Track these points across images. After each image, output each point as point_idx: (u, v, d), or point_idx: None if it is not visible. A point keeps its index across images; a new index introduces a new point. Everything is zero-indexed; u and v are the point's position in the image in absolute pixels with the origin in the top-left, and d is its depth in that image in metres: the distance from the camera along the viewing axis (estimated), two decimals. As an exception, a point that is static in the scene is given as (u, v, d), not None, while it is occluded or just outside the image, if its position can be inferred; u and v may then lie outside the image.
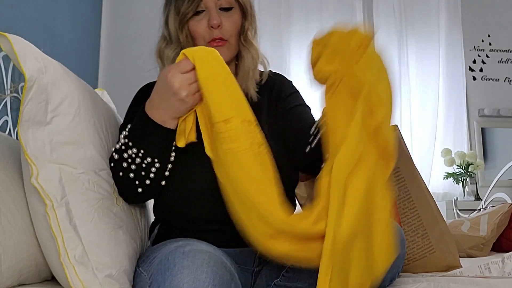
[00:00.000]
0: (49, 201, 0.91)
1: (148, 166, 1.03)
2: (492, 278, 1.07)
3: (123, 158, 1.03)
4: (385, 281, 1.02)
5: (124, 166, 1.03)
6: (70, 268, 0.89)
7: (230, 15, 1.17)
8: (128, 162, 1.03)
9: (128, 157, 1.03)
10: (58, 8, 2.37)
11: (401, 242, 1.02)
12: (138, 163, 1.03)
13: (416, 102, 3.59)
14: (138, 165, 1.03)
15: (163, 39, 1.22)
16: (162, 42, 1.21)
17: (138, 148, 1.02)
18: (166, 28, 1.20)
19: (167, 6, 1.20)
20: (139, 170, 1.03)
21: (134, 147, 1.02)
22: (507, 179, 3.29)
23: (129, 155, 1.02)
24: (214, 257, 0.91)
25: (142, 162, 1.02)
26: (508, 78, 3.85)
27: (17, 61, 0.90)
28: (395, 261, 1.00)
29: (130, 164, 1.03)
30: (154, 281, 0.89)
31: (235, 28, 1.19)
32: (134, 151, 1.02)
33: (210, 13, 1.15)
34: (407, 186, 1.27)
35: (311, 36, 1.18)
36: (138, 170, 1.03)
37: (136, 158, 1.02)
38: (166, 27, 1.20)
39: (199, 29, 1.16)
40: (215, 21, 1.14)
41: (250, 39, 1.22)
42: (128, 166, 1.03)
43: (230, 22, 1.17)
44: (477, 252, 1.79)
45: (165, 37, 1.21)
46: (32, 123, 0.92)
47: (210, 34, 1.16)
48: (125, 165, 1.03)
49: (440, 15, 3.69)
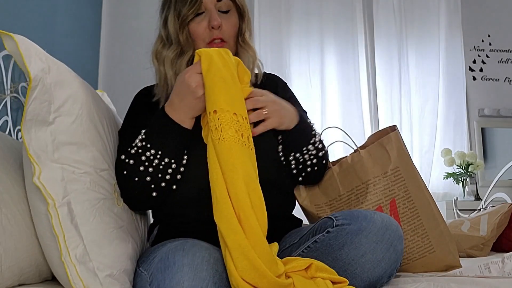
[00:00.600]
0: (51, 200, 0.91)
1: (165, 167, 1.06)
2: (492, 278, 1.07)
3: (141, 161, 1.06)
4: (383, 277, 1.02)
5: (141, 169, 1.05)
6: (71, 268, 0.89)
7: (228, 17, 1.20)
8: (146, 165, 1.05)
9: (146, 160, 1.05)
10: (58, 8, 2.37)
11: (398, 238, 1.03)
12: (155, 165, 1.05)
13: (416, 102, 3.59)
14: (156, 167, 1.06)
15: (160, 40, 1.23)
16: (159, 43, 1.23)
17: (157, 149, 1.05)
18: (164, 29, 1.22)
19: (166, 8, 1.22)
20: (156, 173, 1.06)
21: (152, 148, 1.06)
22: (507, 179, 3.29)
23: (147, 157, 1.05)
24: (214, 255, 0.92)
25: (160, 164, 1.06)
26: (508, 78, 3.85)
27: (23, 61, 0.91)
28: (393, 256, 1.01)
29: (148, 167, 1.05)
30: (154, 279, 0.89)
31: (234, 30, 1.22)
32: (152, 152, 1.05)
33: (210, 14, 1.17)
34: (407, 186, 1.27)
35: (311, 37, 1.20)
36: (155, 172, 1.06)
37: (154, 160, 1.05)
38: (164, 29, 1.22)
39: (199, 30, 1.18)
40: (215, 22, 1.16)
41: (247, 40, 1.26)
42: (146, 169, 1.05)
43: (229, 23, 1.20)
44: (477, 252, 1.79)
45: (162, 38, 1.22)
46: (35, 122, 0.93)
47: (210, 35, 1.18)
48: (142, 168, 1.05)
49: (440, 15, 3.69)
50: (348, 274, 1.00)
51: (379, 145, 1.32)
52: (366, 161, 1.31)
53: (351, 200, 1.31)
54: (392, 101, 3.55)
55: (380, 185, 1.28)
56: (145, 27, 3.13)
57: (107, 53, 3.18)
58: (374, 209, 1.27)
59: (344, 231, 1.03)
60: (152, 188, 1.07)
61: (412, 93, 3.59)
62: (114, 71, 3.16)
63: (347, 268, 1.01)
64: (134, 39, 3.19)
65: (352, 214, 1.07)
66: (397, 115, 3.52)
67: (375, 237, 1.00)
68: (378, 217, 1.03)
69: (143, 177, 1.06)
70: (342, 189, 1.31)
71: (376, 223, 1.02)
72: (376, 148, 1.32)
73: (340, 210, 1.31)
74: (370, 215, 1.04)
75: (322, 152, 1.24)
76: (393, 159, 1.29)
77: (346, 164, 1.32)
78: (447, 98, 3.62)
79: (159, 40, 1.24)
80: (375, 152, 1.31)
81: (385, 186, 1.28)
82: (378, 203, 1.28)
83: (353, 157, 1.33)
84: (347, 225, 1.04)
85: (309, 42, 3.46)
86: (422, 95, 3.61)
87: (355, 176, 1.30)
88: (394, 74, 3.57)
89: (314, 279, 0.95)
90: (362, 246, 1.00)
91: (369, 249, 1.00)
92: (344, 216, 1.08)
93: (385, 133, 1.34)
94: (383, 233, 1.01)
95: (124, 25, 3.23)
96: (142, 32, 3.12)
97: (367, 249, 1.00)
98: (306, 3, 3.54)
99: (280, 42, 3.41)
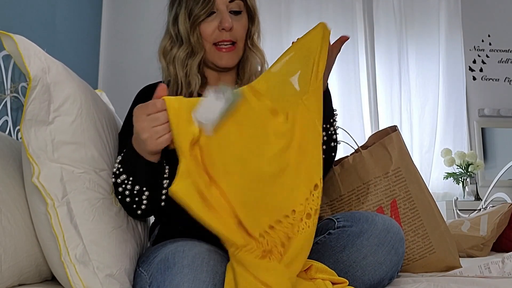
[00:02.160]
0: (50, 200, 0.91)
1: (139, 193, 1.01)
2: (492, 278, 1.07)
3: (118, 183, 1.01)
4: (385, 280, 1.02)
5: (119, 190, 1.01)
6: (71, 267, 0.89)
7: (239, 18, 1.18)
8: (122, 187, 1.01)
9: (121, 183, 1.00)
10: (58, 8, 2.37)
11: (400, 241, 1.02)
12: (130, 189, 1.00)
13: (416, 102, 3.59)
14: (130, 192, 1.00)
15: (168, 38, 1.20)
16: (167, 41, 1.20)
17: (127, 175, 1.00)
18: (174, 27, 1.18)
19: (176, 6, 1.18)
20: (133, 197, 1.01)
21: (124, 173, 1.00)
22: (507, 179, 3.29)
23: (122, 181, 1.00)
24: (214, 256, 0.91)
25: (133, 189, 1.00)
26: (508, 78, 3.85)
27: (22, 61, 0.91)
28: (395, 259, 1.01)
29: (124, 190, 1.00)
30: (154, 280, 0.89)
31: (244, 32, 1.20)
32: (124, 177, 1.00)
33: (222, 15, 1.15)
34: (408, 186, 1.27)
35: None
36: (131, 196, 1.01)
37: (127, 185, 1.00)
38: (174, 27, 1.18)
39: (209, 30, 1.16)
40: (227, 24, 1.14)
41: (256, 43, 1.24)
42: (123, 191, 1.01)
43: (239, 25, 1.18)
44: (477, 252, 1.79)
45: (171, 36, 1.19)
46: (35, 122, 0.93)
47: (219, 36, 1.16)
48: (120, 189, 1.01)
49: (440, 15, 3.69)
50: (349, 276, 1.00)
51: (380, 145, 1.32)
52: (367, 161, 1.31)
53: (351, 201, 1.31)
54: (392, 101, 3.55)
55: (381, 185, 1.28)
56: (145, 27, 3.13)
57: (107, 53, 3.17)
58: (375, 209, 1.27)
59: (346, 233, 1.03)
60: (135, 208, 1.03)
61: (412, 93, 3.59)
62: (114, 71, 3.16)
63: (348, 270, 1.01)
64: (134, 39, 3.19)
65: (353, 216, 1.07)
66: (397, 115, 3.51)
67: (377, 240, 1.00)
68: (379, 219, 1.03)
69: (123, 198, 1.02)
70: (343, 189, 1.31)
71: (377, 226, 1.01)
72: (378, 149, 1.32)
73: (341, 210, 1.31)
74: (371, 217, 1.04)
75: (333, 143, 1.18)
76: (394, 159, 1.29)
77: (348, 164, 1.32)
78: (447, 98, 3.62)
79: (167, 37, 1.20)
80: (377, 153, 1.31)
81: (386, 186, 1.28)
82: (379, 204, 1.28)
83: (354, 158, 1.32)
84: (349, 227, 1.04)
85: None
86: (422, 95, 3.61)
87: (356, 176, 1.30)
88: (394, 74, 3.57)
89: (313, 280, 0.95)
90: (363, 248, 1.00)
91: (371, 252, 0.99)
92: (345, 218, 1.08)
93: (386, 133, 1.34)
94: (385, 236, 1.01)
95: (124, 25, 3.23)
96: (142, 32, 3.12)
97: (369, 251, 1.00)
98: (306, 3, 3.54)
99: (280, 42, 3.41)
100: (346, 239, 1.02)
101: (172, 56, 1.18)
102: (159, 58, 1.21)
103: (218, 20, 1.15)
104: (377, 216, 1.04)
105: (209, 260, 0.89)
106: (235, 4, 1.17)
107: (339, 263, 1.01)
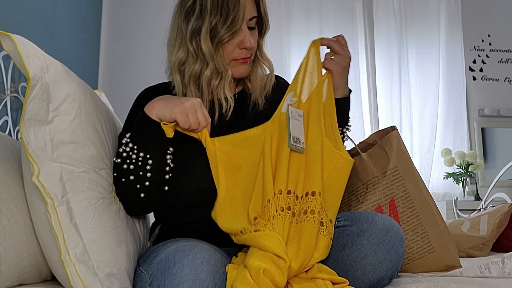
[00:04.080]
0: (50, 200, 0.91)
1: (143, 162, 1.04)
2: (492, 278, 1.07)
3: (123, 158, 1.04)
4: (385, 279, 1.02)
5: (124, 167, 1.04)
6: (71, 267, 0.89)
7: (253, 33, 1.18)
8: (127, 162, 1.04)
9: (127, 156, 1.04)
10: (58, 8, 2.37)
11: (400, 240, 1.03)
12: (134, 161, 1.04)
13: (416, 102, 3.59)
14: (135, 164, 1.04)
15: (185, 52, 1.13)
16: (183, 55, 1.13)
17: (133, 143, 1.05)
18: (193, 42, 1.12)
19: (195, 18, 1.11)
20: (137, 169, 1.03)
21: (130, 142, 1.05)
22: (507, 179, 3.29)
23: (127, 153, 1.04)
24: (214, 256, 0.91)
25: (138, 159, 1.04)
26: (508, 78, 3.85)
27: (21, 60, 0.91)
28: (395, 258, 1.01)
29: (129, 164, 1.04)
30: (155, 280, 0.89)
31: (256, 46, 1.20)
32: (130, 146, 1.05)
33: (244, 35, 1.13)
34: (406, 186, 1.28)
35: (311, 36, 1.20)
36: (136, 169, 1.03)
37: (132, 155, 1.04)
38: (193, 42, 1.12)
39: (230, 49, 1.14)
40: (249, 44, 1.13)
41: (265, 54, 1.24)
42: (128, 166, 1.04)
43: (254, 39, 1.17)
44: (477, 252, 1.79)
45: (188, 50, 1.13)
46: (34, 121, 0.93)
47: (240, 54, 1.15)
48: (125, 166, 1.04)
49: (440, 15, 3.69)
50: (349, 275, 1.00)
51: (378, 146, 1.32)
52: (366, 163, 1.31)
53: (351, 201, 1.31)
54: (392, 101, 3.55)
55: (380, 185, 1.28)
56: (145, 27, 3.14)
57: (107, 53, 3.18)
58: (373, 209, 1.27)
59: (346, 233, 1.03)
60: (138, 189, 1.04)
61: (412, 93, 3.59)
62: (114, 71, 3.16)
63: (348, 269, 1.01)
64: (134, 39, 3.19)
65: (353, 215, 1.07)
66: (397, 115, 3.52)
67: (377, 239, 1.00)
68: (379, 218, 1.03)
69: (127, 176, 1.03)
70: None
71: (377, 225, 1.01)
72: (376, 150, 1.32)
73: (340, 211, 1.31)
74: (371, 216, 1.04)
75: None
76: (392, 159, 1.29)
77: (348, 167, 1.33)
78: (447, 98, 3.62)
79: (184, 50, 1.13)
80: (375, 154, 1.32)
81: (384, 186, 1.28)
82: (378, 203, 1.28)
83: (355, 160, 1.33)
84: (348, 226, 1.04)
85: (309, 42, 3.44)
86: (422, 95, 3.61)
87: (356, 178, 1.31)
88: (394, 74, 3.57)
89: (314, 280, 0.95)
90: (363, 248, 1.00)
91: (370, 251, 1.00)
92: (345, 217, 1.08)
93: (386, 132, 1.35)
94: (385, 235, 1.01)
95: (124, 25, 3.23)
96: (142, 32, 3.12)
97: (368, 251, 1.00)
98: (306, 3, 3.54)
99: (280, 42, 3.41)
100: (346, 238, 1.02)
101: (194, 73, 1.13)
102: (172, 72, 1.16)
103: (239, 39, 1.13)
104: (377, 216, 1.04)
105: (209, 259, 0.89)
106: (253, 21, 1.16)
107: (339, 263, 1.01)
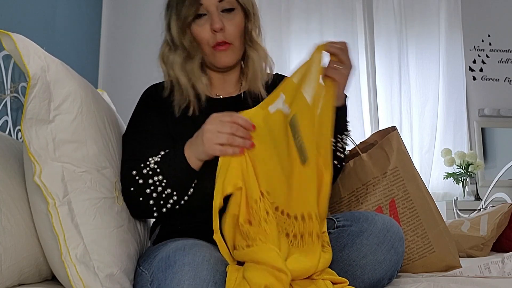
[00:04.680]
0: (51, 199, 0.91)
1: (167, 197, 1.05)
2: (492, 278, 1.07)
3: (148, 184, 1.04)
4: (384, 279, 1.02)
5: (147, 192, 1.04)
6: (71, 267, 0.89)
7: (232, 17, 1.16)
8: (151, 189, 1.04)
9: (153, 184, 1.04)
10: (58, 8, 2.37)
11: (399, 240, 1.03)
12: (159, 192, 1.04)
13: (416, 102, 3.59)
14: (159, 194, 1.04)
15: (166, 44, 1.20)
16: (165, 47, 1.20)
17: (163, 176, 1.04)
18: (168, 33, 1.19)
19: (168, 11, 1.18)
20: (159, 200, 1.05)
21: (161, 174, 1.04)
22: (507, 179, 3.29)
23: (154, 182, 1.04)
24: (214, 254, 0.92)
25: (163, 192, 1.04)
26: (508, 78, 3.85)
27: (21, 59, 0.91)
28: (394, 258, 1.01)
29: (153, 191, 1.04)
30: (155, 278, 0.89)
31: (238, 30, 1.17)
32: (159, 178, 1.04)
33: (211, 17, 1.13)
34: (406, 186, 1.28)
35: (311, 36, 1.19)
36: (158, 199, 1.05)
37: (158, 187, 1.04)
38: (168, 32, 1.19)
39: (203, 34, 1.15)
40: (217, 25, 1.12)
41: (255, 39, 1.21)
42: (151, 193, 1.04)
43: (232, 24, 1.15)
44: (477, 252, 1.79)
45: (167, 42, 1.19)
46: (36, 121, 0.93)
47: (213, 38, 1.14)
48: (148, 191, 1.04)
49: (440, 15, 3.69)
50: (348, 275, 1.00)
51: (379, 147, 1.32)
52: (366, 163, 1.31)
53: (351, 202, 1.31)
54: (392, 101, 3.55)
55: (380, 185, 1.28)
56: (145, 27, 3.14)
57: (107, 53, 3.17)
58: (374, 209, 1.27)
59: (345, 233, 1.03)
60: (154, 210, 1.07)
61: (412, 93, 3.59)
62: (114, 71, 3.16)
63: (347, 269, 1.01)
64: (134, 39, 3.19)
65: (353, 215, 1.07)
66: (397, 115, 3.51)
67: (376, 239, 1.00)
68: (379, 218, 1.03)
69: (147, 200, 1.05)
70: (343, 192, 1.32)
71: (377, 225, 1.02)
72: (376, 151, 1.32)
73: (341, 211, 1.31)
74: (371, 216, 1.04)
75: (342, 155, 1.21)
76: (392, 159, 1.29)
77: (348, 168, 1.33)
78: (447, 98, 3.62)
79: (165, 43, 1.20)
80: (375, 154, 1.32)
81: (384, 186, 1.28)
82: (378, 203, 1.28)
83: (355, 161, 1.33)
84: (348, 226, 1.04)
85: (309, 41, 3.45)
86: (422, 95, 3.61)
87: (356, 179, 1.31)
88: (394, 74, 3.57)
89: (314, 280, 0.95)
90: (363, 247, 1.00)
91: (370, 251, 1.00)
92: (345, 217, 1.08)
93: (386, 132, 1.35)
94: (384, 235, 1.01)
95: (124, 25, 3.23)
96: (142, 32, 3.12)
97: (368, 250, 1.00)
98: (306, 2, 3.53)
99: (280, 42, 3.41)
100: (346, 238, 1.02)
101: (171, 61, 1.18)
102: (160, 64, 1.21)
103: (210, 22, 1.14)
104: (376, 216, 1.04)
105: (209, 258, 0.89)
106: (226, 2, 1.14)
107: (339, 262, 1.01)
